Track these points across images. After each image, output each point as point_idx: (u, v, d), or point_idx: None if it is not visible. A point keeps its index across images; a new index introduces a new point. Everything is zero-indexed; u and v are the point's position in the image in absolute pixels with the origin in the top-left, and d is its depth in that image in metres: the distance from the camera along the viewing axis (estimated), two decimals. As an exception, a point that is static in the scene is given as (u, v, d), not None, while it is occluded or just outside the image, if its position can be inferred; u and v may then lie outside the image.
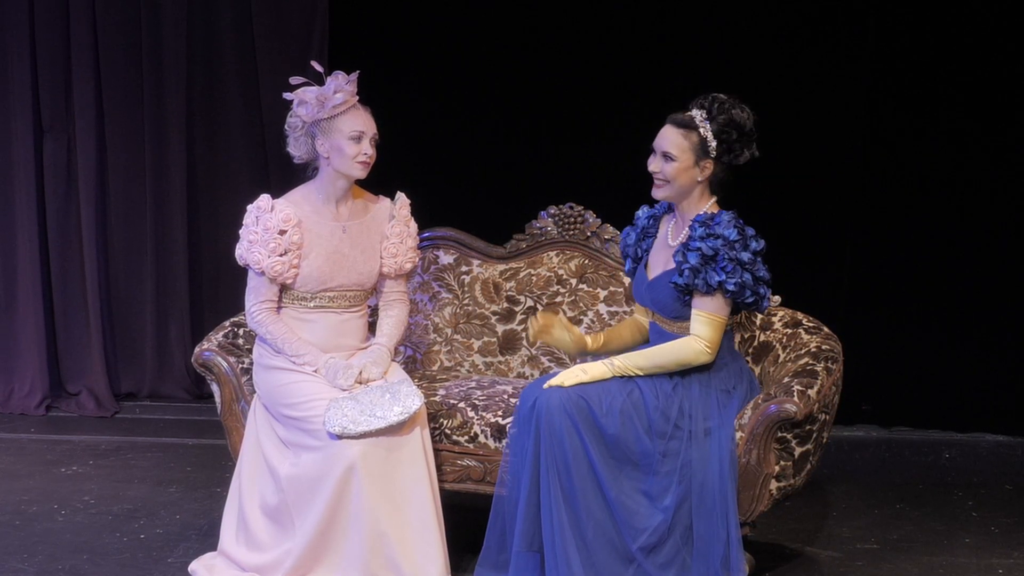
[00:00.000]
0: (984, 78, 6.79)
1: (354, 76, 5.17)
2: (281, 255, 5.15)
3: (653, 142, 4.96)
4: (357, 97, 5.19)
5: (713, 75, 6.68)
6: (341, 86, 5.14)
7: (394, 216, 5.34)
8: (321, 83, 5.17)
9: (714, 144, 4.90)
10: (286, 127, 5.25)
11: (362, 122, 5.17)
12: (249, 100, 7.23)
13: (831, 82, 6.85)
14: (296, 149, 5.25)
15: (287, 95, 5.20)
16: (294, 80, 5.19)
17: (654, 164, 4.96)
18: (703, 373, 4.96)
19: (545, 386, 4.92)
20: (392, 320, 5.37)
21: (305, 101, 5.15)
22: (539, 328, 5.09)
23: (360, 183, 5.29)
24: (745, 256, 4.86)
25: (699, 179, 4.94)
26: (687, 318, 4.96)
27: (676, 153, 4.92)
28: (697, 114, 4.91)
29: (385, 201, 5.37)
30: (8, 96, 7.20)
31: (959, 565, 5.42)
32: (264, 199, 5.20)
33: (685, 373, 4.95)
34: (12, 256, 7.31)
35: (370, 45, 7.03)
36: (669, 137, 4.94)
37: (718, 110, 4.89)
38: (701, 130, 4.90)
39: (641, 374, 4.94)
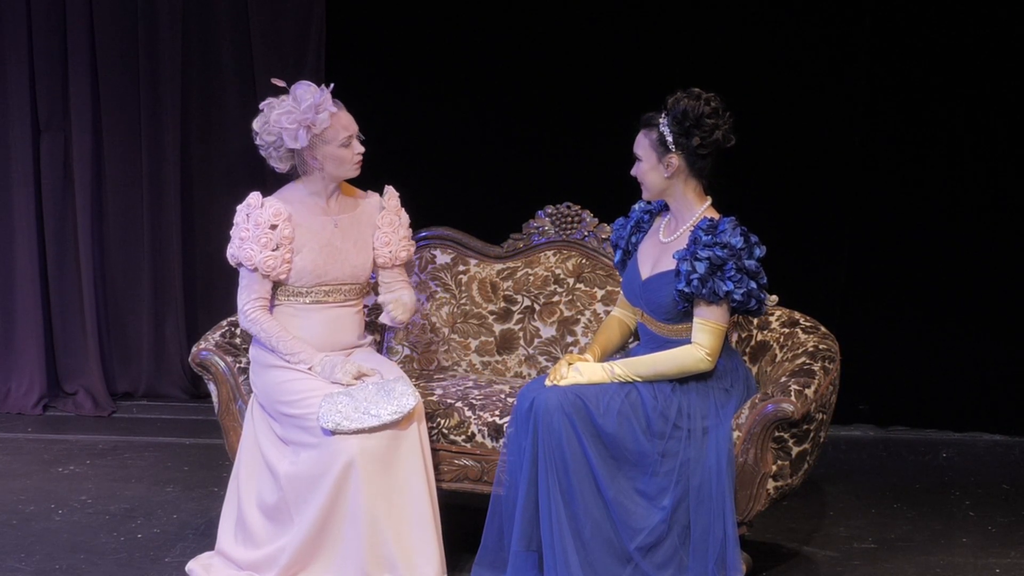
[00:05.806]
0: (983, 76, 6.79)
1: (329, 89, 5.09)
2: (273, 250, 5.13)
3: None
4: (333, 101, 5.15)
5: (712, 74, 6.64)
6: (324, 105, 5.08)
7: (384, 207, 5.34)
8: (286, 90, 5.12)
9: (670, 138, 4.91)
10: (260, 143, 5.17)
11: (345, 125, 5.15)
12: (245, 100, 7.21)
13: (828, 81, 6.85)
14: (280, 163, 5.21)
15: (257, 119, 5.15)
16: (263, 104, 5.14)
17: (633, 168, 4.99)
18: (702, 374, 4.96)
19: (547, 382, 4.93)
20: (405, 295, 5.34)
21: (287, 128, 5.07)
22: (560, 376, 5.01)
23: (352, 181, 5.28)
24: (751, 264, 4.86)
25: (666, 175, 4.95)
26: (679, 321, 4.96)
27: (641, 153, 4.98)
28: (660, 112, 4.94)
29: (374, 196, 5.38)
30: (5, 95, 7.19)
31: (956, 564, 5.42)
32: (254, 196, 5.19)
33: (684, 377, 4.96)
34: (9, 256, 7.30)
35: (366, 45, 7.03)
36: (637, 139, 5.00)
37: (672, 103, 4.92)
38: (660, 126, 4.92)
39: (641, 381, 4.95)
